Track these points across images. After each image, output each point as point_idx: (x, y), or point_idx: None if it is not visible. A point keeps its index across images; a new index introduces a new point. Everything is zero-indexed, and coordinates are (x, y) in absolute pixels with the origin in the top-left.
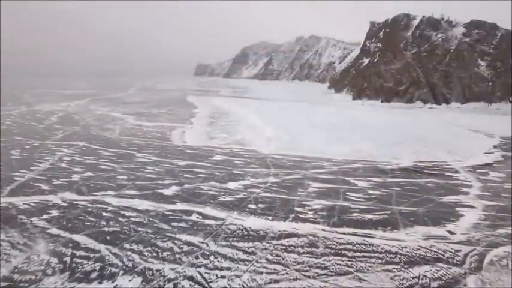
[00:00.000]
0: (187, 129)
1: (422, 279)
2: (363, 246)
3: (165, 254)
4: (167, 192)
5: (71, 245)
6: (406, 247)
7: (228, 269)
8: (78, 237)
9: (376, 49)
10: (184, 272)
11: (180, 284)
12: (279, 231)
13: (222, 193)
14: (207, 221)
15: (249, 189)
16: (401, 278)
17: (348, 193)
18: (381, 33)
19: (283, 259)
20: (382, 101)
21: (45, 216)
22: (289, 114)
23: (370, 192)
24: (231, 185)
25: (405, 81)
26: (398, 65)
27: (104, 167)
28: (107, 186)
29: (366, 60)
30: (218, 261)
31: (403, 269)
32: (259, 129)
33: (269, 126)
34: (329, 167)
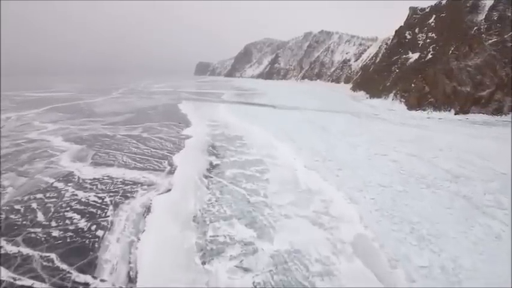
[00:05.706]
0: (158, 196)
1: None
2: None
3: None
4: None
5: None
6: None
7: None
8: None
9: (428, 40)
10: None
11: None
12: None
13: None
14: None
15: None
16: None
17: None
18: (432, 20)
19: None
20: (456, 113)
21: None
22: (342, 142)
23: None
24: None
25: (488, 84)
26: (477, 61)
27: None
28: None
29: (413, 56)
30: None
31: None
32: (317, 201)
33: (331, 184)
34: None
